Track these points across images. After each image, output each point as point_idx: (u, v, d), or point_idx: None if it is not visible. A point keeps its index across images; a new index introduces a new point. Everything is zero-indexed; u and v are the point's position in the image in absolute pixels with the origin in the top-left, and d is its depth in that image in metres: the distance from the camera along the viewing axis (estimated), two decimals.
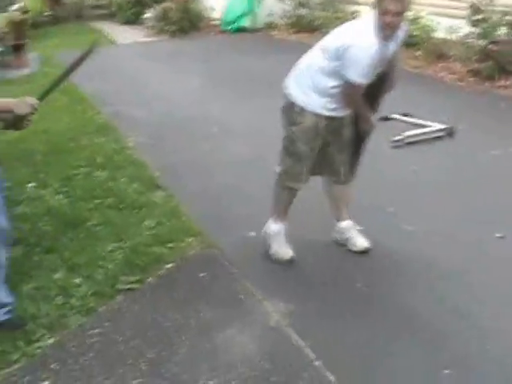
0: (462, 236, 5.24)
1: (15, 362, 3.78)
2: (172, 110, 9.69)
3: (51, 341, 3.95)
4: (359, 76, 4.39)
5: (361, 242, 5.04)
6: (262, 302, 4.31)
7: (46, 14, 25.51)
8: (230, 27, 17.47)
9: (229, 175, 6.89)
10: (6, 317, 4.08)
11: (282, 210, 5.01)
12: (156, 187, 6.55)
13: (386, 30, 4.35)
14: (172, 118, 9.33)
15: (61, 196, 6.41)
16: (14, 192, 6.48)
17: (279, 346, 3.85)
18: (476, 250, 5.02)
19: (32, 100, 4.12)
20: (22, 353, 3.85)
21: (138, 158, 7.53)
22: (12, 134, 8.59)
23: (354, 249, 5.01)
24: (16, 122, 4.15)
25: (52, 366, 3.71)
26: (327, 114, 4.67)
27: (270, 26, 17.07)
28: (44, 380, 3.61)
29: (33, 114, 4.15)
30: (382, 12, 4.28)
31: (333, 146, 4.85)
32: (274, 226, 5.01)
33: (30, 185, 6.74)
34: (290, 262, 4.87)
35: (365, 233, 5.10)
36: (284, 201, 4.99)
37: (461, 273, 4.66)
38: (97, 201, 6.21)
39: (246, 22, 17.31)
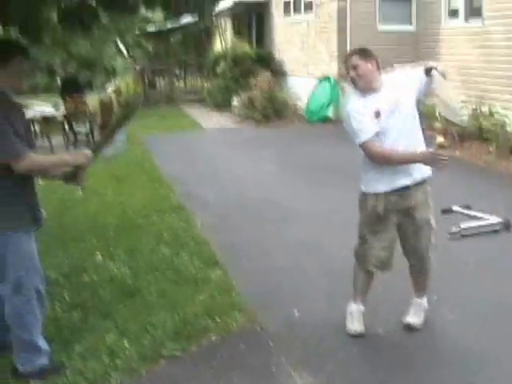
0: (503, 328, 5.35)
1: None
2: (242, 193, 10.12)
3: None
4: (359, 136, 4.75)
5: (410, 316, 5.27)
6: (292, 375, 4.54)
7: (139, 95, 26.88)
8: (313, 117, 17.99)
9: (285, 257, 7.18)
10: (47, 362, 4.59)
11: (357, 290, 5.28)
12: (214, 264, 6.88)
13: (357, 84, 4.82)
14: (241, 200, 9.75)
15: (125, 268, 6.82)
16: (81, 261, 6.99)
17: None
18: None
19: (86, 151, 4.57)
20: None
21: (203, 236, 7.92)
22: (90, 208, 9.23)
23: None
24: (74, 174, 4.60)
25: None
26: (382, 189, 4.89)
27: None
28: None
29: (88, 165, 4.58)
30: (346, 71, 4.86)
31: (405, 228, 5.04)
32: (350, 305, 5.29)
33: (98, 256, 7.20)
34: (357, 337, 5.12)
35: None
36: (359, 281, 5.27)
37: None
38: (157, 273, 6.60)
39: (329, 112, 17.79)
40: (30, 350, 4.55)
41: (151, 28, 27.75)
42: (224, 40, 25.65)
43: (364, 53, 4.89)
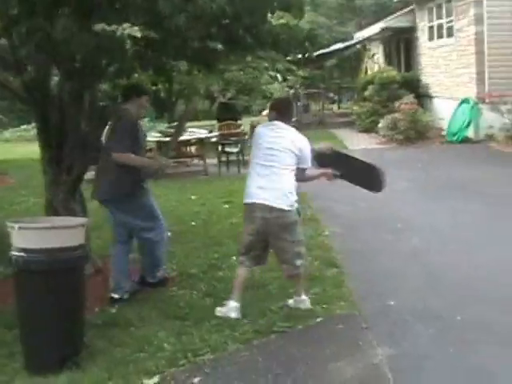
0: None
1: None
2: (371, 208, 11.10)
3: (210, 356, 5.51)
4: None
5: None
6: (375, 348, 5.57)
7: (292, 120, 28.26)
8: (453, 137, 18.68)
9: (395, 262, 8.21)
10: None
11: None
12: (333, 266, 7.97)
13: None
14: (369, 214, 10.78)
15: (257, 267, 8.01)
16: (219, 261, 8.28)
17: (373, 378, 5.12)
18: None
19: (162, 159, 7.00)
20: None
21: (328, 243, 9.03)
22: (234, 219, 10.52)
23: None
24: (153, 173, 7.12)
25: (206, 370, 5.25)
26: None
27: (491, 138, 18.02)
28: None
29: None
30: None
31: None
32: None
33: (233, 257, 8.45)
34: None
35: None
36: None
37: None
38: (281, 272, 7.76)
39: (468, 133, 18.42)
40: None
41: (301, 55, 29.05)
42: (373, 64, 26.69)
43: None
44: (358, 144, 20.15)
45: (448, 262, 8.01)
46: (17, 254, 5.08)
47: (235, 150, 17.25)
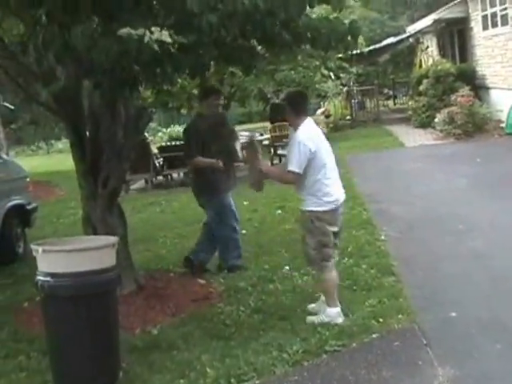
0: None
1: None
2: (429, 208, 10.58)
3: (256, 382, 5.07)
4: None
5: None
6: (436, 368, 5.06)
7: (347, 118, 27.75)
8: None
9: (456, 266, 7.61)
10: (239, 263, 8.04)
11: None
12: (390, 274, 7.45)
13: None
14: (427, 215, 10.21)
15: (309, 277, 7.55)
16: (270, 273, 7.85)
17: None
18: None
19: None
20: None
21: (384, 248, 8.50)
22: (286, 226, 10.07)
23: None
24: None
25: None
26: None
27: None
28: None
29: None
30: None
31: None
32: None
33: (286, 267, 8.01)
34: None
35: None
36: None
37: None
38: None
39: None
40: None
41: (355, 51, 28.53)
42: (427, 57, 25.94)
43: None
44: (414, 140, 19.55)
45: None
46: (42, 278, 4.73)
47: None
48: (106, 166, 6.83)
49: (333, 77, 25.39)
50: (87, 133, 7.04)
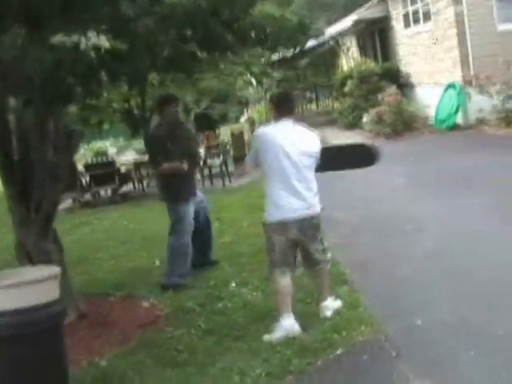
0: None
1: None
2: (372, 211, 10.34)
3: None
4: None
5: None
6: (413, 382, 4.74)
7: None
8: (442, 125, 17.94)
9: (413, 268, 7.35)
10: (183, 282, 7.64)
11: None
12: (343, 282, 7.13)
13: None
14: (370, 218, 9.97)
15: (258, 292, 7.19)
16: (217, 290, 7.44)
17: None
18: None
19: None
20: None
21: (333, 256, 8.17)
22: (225, 238, 9.70)
23: None
24: None
25: None
26: None
27: (482, 122, 17.26)
28: None
29: None
30: None
31: None
32: None
33: (232, 284, 7.61)
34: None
35: None
36: None
37: None
38: None
39: (457, 119, 17.68)
40: None
41: (276, 56, 28.38)
42: (349, 59, 25.94)
43: None
44: (343, 142, 19.36)
45: (469, 263, 7.20)
46: None
47: (218, 162, 16.39)
48: (38, 189, 6.31)
49: (254, 83, 25.16)
50: (15, 153, 6.50)
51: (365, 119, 19.78)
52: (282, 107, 6.11)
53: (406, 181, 12.22)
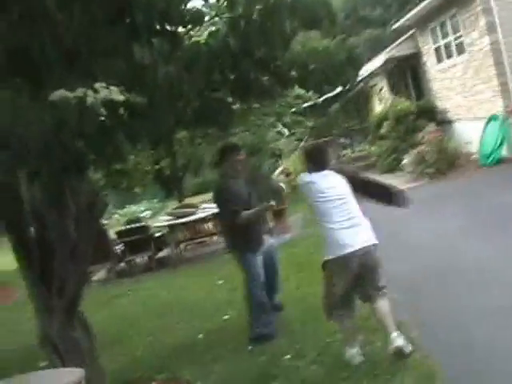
0: None
1: None
2: (430, 260, 9.41)
3: None
4: None
5: None
6: None
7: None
8: (487, 160, 16.99)
9: (487, 327, 6.42)
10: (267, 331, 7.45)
11: None
12: (412, 347, 6.24)
13: None
14: (430, 268, 9.03)
15: (315, 366, 6.33)
16: (270, 365, 6.57)
17: None
18: None
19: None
20: None
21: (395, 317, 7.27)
22: None
23: None
24: None
25: None
26: None
27: None
28: None
29: None
30: None
31: None
32: None
33: (286, 357, 6.75)
34: None
35: None
36: None
37: None
38: (351, 368, 6.06)
39: (502, 152, 16.72)
40: None
41: (306, 104, 27.75)
42: (382, 99, 25.18)
43: None
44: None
45: None
46: None
47: None
48: (60, 271, 5.53)
49: (287, 133, 24.52)
50: (32, 232, 5.75)
51: (405, 160, 18.88)
52: (316, 160, 6.25)
53: (463, 223, 11.21)
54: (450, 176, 17.23)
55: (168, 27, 3.79)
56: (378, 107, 25.06)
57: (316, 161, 6.26)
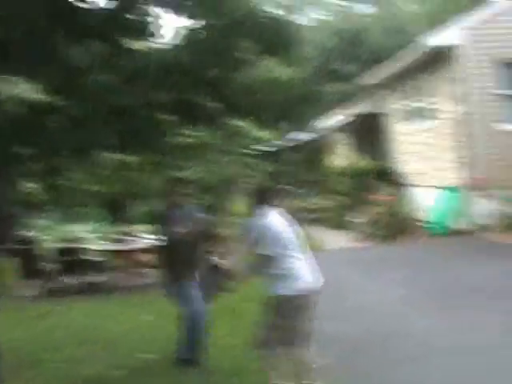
0: None
1: None
2: (370, 325, 8.97)
3: None
4: None
5: None
6: None
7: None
8: (437, 229, 16.75)
9: None
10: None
11: None
12: None
13: None
14: (369, 334, 8.58)
15: None
16: None
17: None
18: None
19: None
20: None
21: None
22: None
23: None
24: None
25: None
26: None
27: (482, 227, 16.00)
28: None
29: None
30: None
31: None
32: None
33: None
34: None
35: None
36: None
37: None
38: None
39: (453, 224, 16.50)
40: None
41: (264, 148, 27.50)
42: (341, 155, 24.94)
43: None
44: (334, 242, 18.13)
45: None
46: None
47: None
48: None
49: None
50: None
51: (357, 220, 18.59)
52: (263, 198, 6.24)
53: (407, 292, 10.82)
54: (400, 241, 16.95)
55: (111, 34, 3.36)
56: (337, 162, 24.75)
57: (264, 198, 6.27)
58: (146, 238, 14.92)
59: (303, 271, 5.99)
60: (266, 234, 6.00)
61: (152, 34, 3.28)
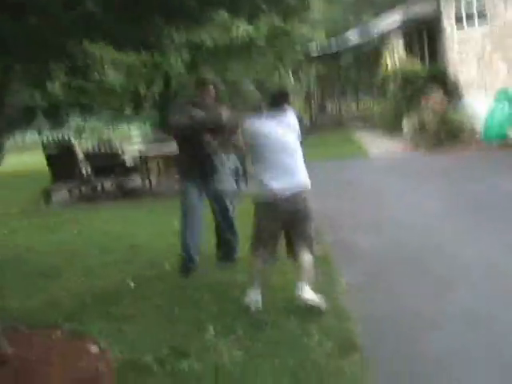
0: None
1: None
2: (400, 239, 8.48)
3: None
4: None
5: None
6: None
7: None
8: (490, 136, 15.82)
9: (447, 337, 5.42)
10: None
11: None
12: (351, 349, 5.27)
13: None
14: (398, 248, 8.10)
15: (241, 352, 5.40)
16: (186, 341, 5.65)
17: None
18: None
19: None
20: None
21: (345, 304, 6.27)
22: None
23: None
24: None
25: None
26: None
27: None
28: None
29: None
30: None
31: None
32: None
33: (211, 327, 5.81)
34: None
35: None
36: None
37: None
38: (277, 361, 5.13)
39: (508, 133, 15.54)
40: None
41: (316, 52, 26.53)
42: (394, 59, 23.83)
43: None
44: (380, 151, 17.44)
45: None
46: None
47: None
48: None
49: (292, 78, 23.42)
50: None
51: (405, 127, 17.76)
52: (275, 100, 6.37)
53: (446, 205, 10.17)
54: (449, 150, 16.12)
55: None
56: (389, 65, 23.63)
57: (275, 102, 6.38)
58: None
59: (275, 176, 6.11)
60: (256, 136, 6.25)
61: None
